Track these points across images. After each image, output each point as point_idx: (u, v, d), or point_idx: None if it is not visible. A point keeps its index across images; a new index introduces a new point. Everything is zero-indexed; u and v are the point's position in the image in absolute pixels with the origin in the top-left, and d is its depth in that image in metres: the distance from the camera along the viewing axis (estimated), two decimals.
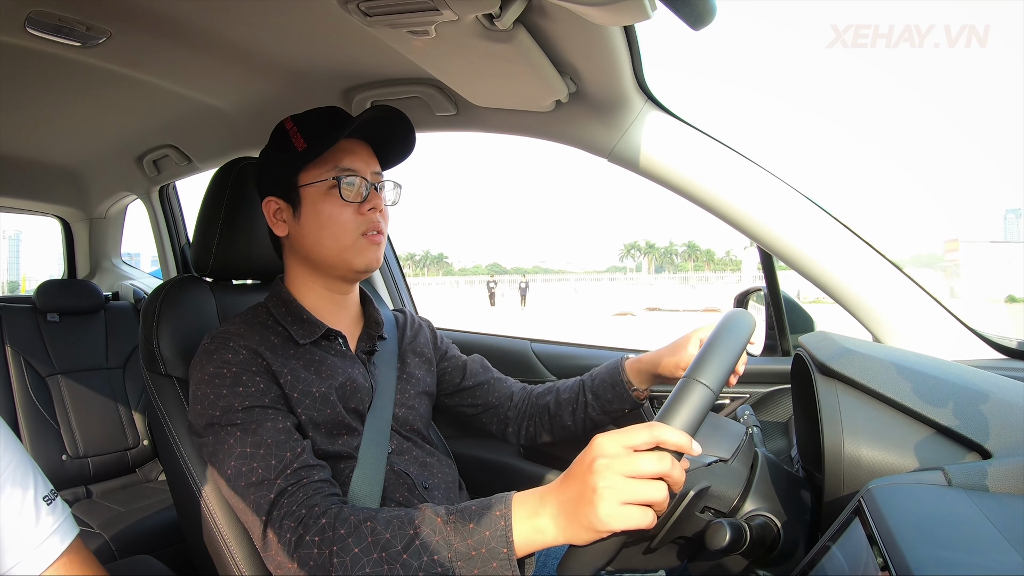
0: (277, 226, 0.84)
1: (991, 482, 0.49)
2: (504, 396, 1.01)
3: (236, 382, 0.74)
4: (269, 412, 0.73)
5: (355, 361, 0.86)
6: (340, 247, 0.81)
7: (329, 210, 0.80)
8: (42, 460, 1.66)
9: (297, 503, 0.66)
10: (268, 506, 0.66)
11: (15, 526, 0.56)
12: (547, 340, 1.43)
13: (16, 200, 2.10)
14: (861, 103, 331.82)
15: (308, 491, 0.67)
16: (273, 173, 0.84)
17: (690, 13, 0.56)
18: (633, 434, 0.52)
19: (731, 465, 0.66)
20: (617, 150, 1.01)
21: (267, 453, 0.69)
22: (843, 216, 0.95)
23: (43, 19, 0.88)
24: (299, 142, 0.81)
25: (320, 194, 0.80)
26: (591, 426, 0.95)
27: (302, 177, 0.81)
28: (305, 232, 0.82)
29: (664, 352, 0.89)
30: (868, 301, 0.95)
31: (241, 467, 0.69)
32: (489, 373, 1.03)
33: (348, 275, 0.84)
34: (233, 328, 0.79)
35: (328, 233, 0.80)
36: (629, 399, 0.93)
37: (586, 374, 0.98)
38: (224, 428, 0.72)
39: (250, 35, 0.97)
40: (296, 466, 0.69)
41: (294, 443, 0.71)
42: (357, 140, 0.84)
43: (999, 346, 0.93)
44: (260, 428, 0.71)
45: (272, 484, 0.67)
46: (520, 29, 0.73)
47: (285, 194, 0.83)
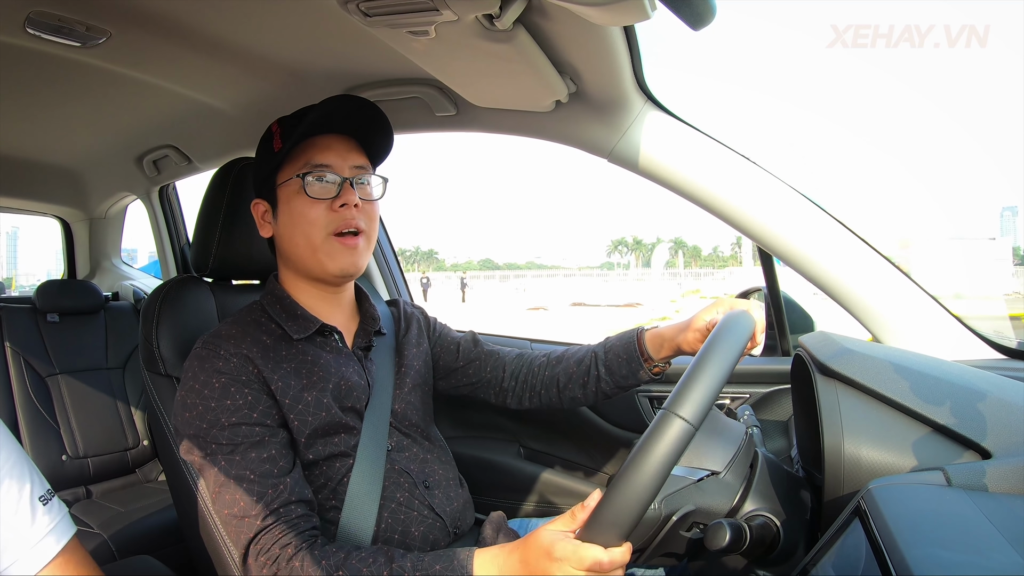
0: (264, 227, 0.85)
1: (991, 482, 0.49)
2: (497, 368, 0.99)
3: (224, 394, 0.74)
4: (256, 430, 0.73)
5: (350, 358, 0.85)
6: (311, 247, 0.80)
7: (299, 208, 0.79)
8: (42, 460, 1.66)
9: (274, 541, 0.68)
10: (247, 541, 0.69)
11: (11, 525, 0.56)
12: (547, 340, 1.43)
13: (16, 200, 2.10)
14: (861, 103, 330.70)
15: (286, 527, 0.69)
16: (257, 175, 0.85)
17: (690, 13, 0.57)
18: (586, 559, 0.56)
19: (723, 478, 0.65)
20: (617, 150, 1.01)
21: (249, 488, 0.70)
22: (842, 215, 0.95)
23: (43, 19, 0.88)
24: (277, 142, 0.81)
25: (292, 193, 0.80)
26: (603, 398, 0.93)
27: (279, 176, 0.82)
28: (283, 232, 0.83)
29: (682, 325, 0.84)
30: (868, 301, 0.95)
31: (224, 495, 0.71)
32: (480, 348, 1.01)
33: (326, 277, 0.82)
34: (225, 330, 0.79)
35: (300, 232, 0.80)
36: (646, 374, 0.88)
37: (597, 344, 0.94)
38: (210, 446, 0.72)
39: (250, 35, 0.97)
40: (276, 505, 0.70)
41: (276, 477, 0.72)
42: (336, 135, 0.83)
43: (999, 346, 0.93)
44: (245, 458, 0.72)
45: (252, 522, 0.69)
46: (520, 29, 0.73)
47: (267, 195, 0.84)
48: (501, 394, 0.99)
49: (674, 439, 0.51)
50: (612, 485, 0.53)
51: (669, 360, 0.88)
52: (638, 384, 0.91)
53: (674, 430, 0.51)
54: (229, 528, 0.71)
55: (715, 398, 0.53)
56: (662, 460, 0.51)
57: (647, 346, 0.87)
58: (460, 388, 1.01)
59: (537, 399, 0.97)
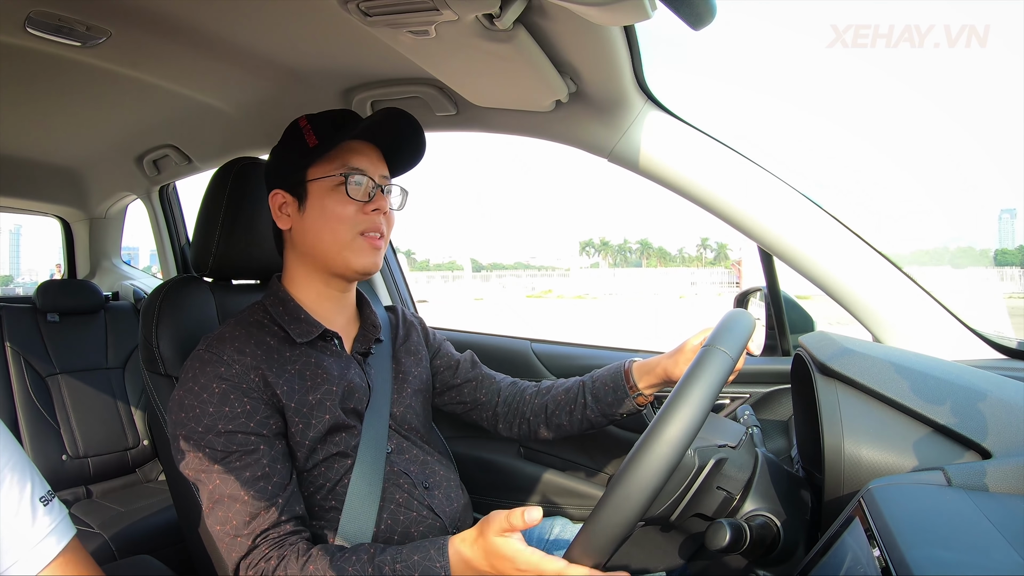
0: (281, 219, 0.85)
1: (990, 482, 0.49)
2: (492, 392, 1.01)
3: (224, 400, 0.74)
4: (251, 439, 0.74)
5: (351, 362, 0.86)
6: (339, 243, 0.82)
7: (333, 206, 0.81)
8: (42, 460, 1.66)
9: (263, 558, 0.70)
10: (237, 559, 0.71)
11: (12, 526, 0.56)
12: (547, 340, 1.43)
13: (16, 200, 2.10)
14: (861, 103, 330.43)
15: (275, 544, 0.71)
16: (283, 167, 0.85)
17: (690, 13, 0.57)
18: (539, 564, 0.59)
19: (739, 451, 0.66)
20: (617, 150, 1.01)
21: (242, 508, 0.71)
22: (842, 215, 0.95)
23: (43, 19, 0.88)
24: (311, 139, 0.82)
25: (327, 190, 0.82)
26: (588, 426, 0.95)
27: (310, 172, 0.82)
28: (307, 226, 0.83)
29: (671, 352, 0.88)
30: (868, 301, 0.95)
31: (217, 512, 0.72)
32: (477, 369, 1.03)
33: (347, 274, 0.84)
34: (228, 332, 0.79)
35: (329, 228, 0.81)
36: (631, 403, 0.92)
37: (587, 375, 0.98)
38: (204, 450, 0.73)
39: (250, 35, 0.97)
40: (267, 526, 0.71)
41: (270, 498, 0.72)
42: (367, 143, 0.85)
43: (999, 346, 0.93)
44: (239, 476, 0.72)
45: (243, 541, 0.71)
46: (520, 29, 0.73)
47: (292, 188, 0.84)
48: (493, 418, 1.01)
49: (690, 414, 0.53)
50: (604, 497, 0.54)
51: (659, 388, 0.92)
52: (623, 413, 0.93)
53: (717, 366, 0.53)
54: (221, 543, 0.73)
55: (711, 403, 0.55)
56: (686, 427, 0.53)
57: (634, 375, 0.92)
58: (454, 406, 1.02)
59: (526, 426, 0.99)
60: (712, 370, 0.55)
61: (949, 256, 51.93)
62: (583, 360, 1.34)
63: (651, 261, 73.53)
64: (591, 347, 1.39)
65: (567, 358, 1.36)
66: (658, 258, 74.97)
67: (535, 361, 1.38)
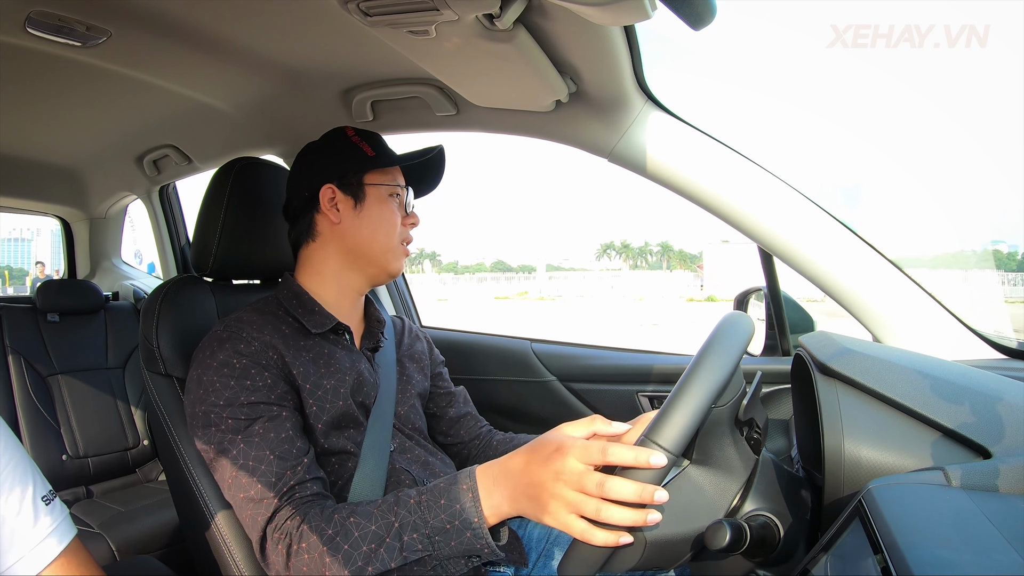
0: (331, 212, 0.87)
1: (991, 482, 0.49)
2: (472, 431, 1.03)
3: (244, 375, 0.75)
4: (274, 409, 0.74)
5: (360, 356, 0.89)
6: (386, 247, 0.88)
7: (387, 213, 0.89)
8: (42, 460, 1.67)
9: (289, 517, 0.70)
10: (264, 523, 0.70)
11: (13, 526, 0.56)
12: (547, 340, 1.43)
13: (16, 200, 2.10)
14: (861, 103, 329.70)
15: (300, 503, 0.71)
16: (340, 166, 0.88)
17: (690, 13, 0.57)
18: (600, 452, 0.56)
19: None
20: (617, 150, 1.01)
21: (267, 469, 0.71)
22: (843, 217, 0.95)
23: (43, 19, 0.88)
24: (367, 149, 0.89)
25: (383, 197, 0.88)
26: None
27: (368, 177, 0.88)
28: (362, 225, 0.87)
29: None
30: (868, 301, 0.95)
31: (241, 479, 0.71)
32: (468, 407, 1.05)
33: (381, 274, 0.90)
34: (246, 316, 0.81)
35: (382, 232, 0.88)
36: None
37: None
38: (225, 422, 0.73)
39: (250, 35, 0.97)
40: (293, 483, 0.71)
41: (295, 458, 0.73)
42: (399, 170, 0.93)
43: (999, 346, 0.93)
44: (263, 438, 0.72)
45: (269, 503, 0.70)
46: (520, 29, 0.73)
47: (348, 187, 0.87)
48: (466, 461, 1.01)
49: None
50: None
51: None
52: None
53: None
54: (244, 514, 0.72)
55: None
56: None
57: None
58: (436, 436, 1.02)
59: None
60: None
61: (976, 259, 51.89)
62: (583, 360, 1.34)
63: (672, 263, 73.30)
64: (591, 347, 1.39)
65: (567, 358, 1.36)
66: (678, 260, 74.78)
67: (535, 361, 1.38)
